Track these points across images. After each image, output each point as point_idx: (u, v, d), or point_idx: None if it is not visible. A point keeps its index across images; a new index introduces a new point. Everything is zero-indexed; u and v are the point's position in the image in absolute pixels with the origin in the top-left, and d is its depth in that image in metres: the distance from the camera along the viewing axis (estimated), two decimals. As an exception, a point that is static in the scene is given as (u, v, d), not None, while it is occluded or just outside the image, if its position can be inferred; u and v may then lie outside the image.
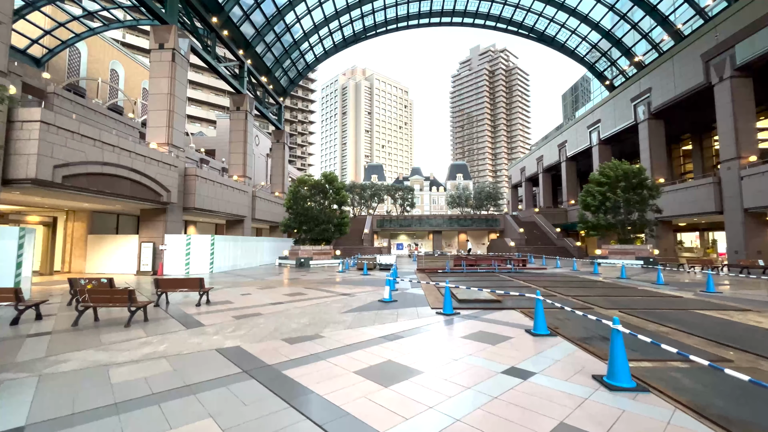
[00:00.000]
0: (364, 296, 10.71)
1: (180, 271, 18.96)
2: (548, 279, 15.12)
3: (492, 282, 13.89)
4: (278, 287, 13.08)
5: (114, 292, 7.18)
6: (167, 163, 18.19)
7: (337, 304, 9.32)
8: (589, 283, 13.66)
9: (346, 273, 19.00)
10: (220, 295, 11.01)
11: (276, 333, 6.43)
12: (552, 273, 18.63)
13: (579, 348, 5.46)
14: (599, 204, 24.13)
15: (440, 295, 10.61)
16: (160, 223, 19.27)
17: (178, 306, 9.22)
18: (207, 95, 65.56)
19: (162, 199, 17.98)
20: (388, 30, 40.09)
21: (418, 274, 17.76)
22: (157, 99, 19.82)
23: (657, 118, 30.27)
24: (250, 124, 29.70)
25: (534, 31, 37.67)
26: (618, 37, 32.62)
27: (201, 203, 21.28)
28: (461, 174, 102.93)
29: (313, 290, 12.17)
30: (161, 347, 5.60)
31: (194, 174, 20.84)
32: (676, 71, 27.34)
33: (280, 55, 34.32)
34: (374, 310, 8.49)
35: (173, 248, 19.05)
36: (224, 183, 24.25)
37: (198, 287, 9.23)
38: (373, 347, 5.56)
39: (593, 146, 39.06)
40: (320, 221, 25.25)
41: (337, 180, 26.27)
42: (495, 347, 5.53)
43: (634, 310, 8.18)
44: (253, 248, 25.44)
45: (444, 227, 46.72)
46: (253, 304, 9.50)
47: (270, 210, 32.33)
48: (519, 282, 13.90)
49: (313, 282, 14.74)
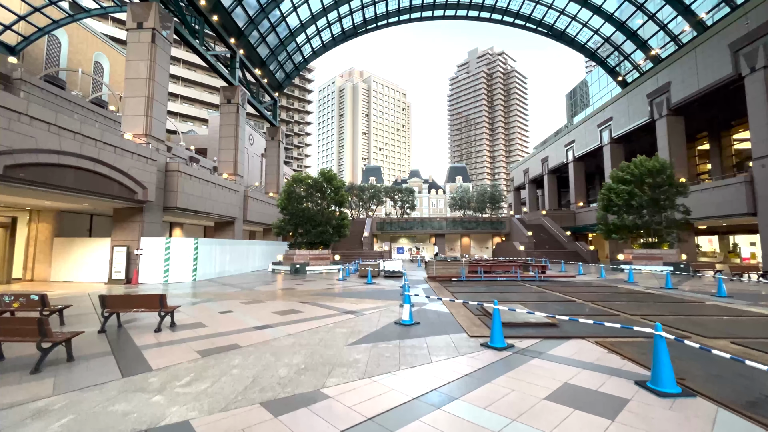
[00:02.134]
0: (375, 315, 8.48)
1: (158, 278, 16.62)
2: (587, 290, 12.98)
3: (522, 294, 11.72)
4: (268, 301, 10.81)
5: (21, 322, 4.90)
6: (143, 156, 15.90)
7: (341, 329, 7.09)
8: (641, 295, 11.51)
9: (347, 281, 16.76)
10: (192, 313, 8.74)
11: (254, 388, 4.19)
12: (584, 281, 16.48)
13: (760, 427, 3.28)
14: (624, 203, 22.09)
15: (471, 314, 8.42)
16: (135, 224, 16.94)
17: (132, 330, 6.96)
18: (200, 93, 63.27)
19: (137, 197, 15.67)
20: (389, 23, 38.15)
21: (430, 283, 15.57)
22: (134, 84, 17.55)
23: (676, 115, 28.45)
24: (242, 118, 27.46)
25: (543, 24, 35.89)
26: (633, 29, 30.86)
27: (185, 202, 18.97)
28: (461, 176, 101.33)
29: (309, 305, 9.92)
30: (58, 423, 3.36)
31: (177, 170, 18.55)
32: (699, 63, 25.53)
33: (275, 46, 32.17)
34: (394, 340, 6.26)
35: (150, 253, 16.72)
36: (212, 181, 21.96)
37: (158, 306, 6.96)
38: (412, 426, 3.34)
39: (604, 145, 37.21)
40: (317, 223, 23.00)
41: (336, 178, 24.08)
42: (617, 425, 3.33)
43: (747, 340, 6.04)
44: (243, 253, 23.12)
45: (447, 230, 44.60)
46: (231, 328, 7.24)
47: (263, 211, 30.02)
48: (554, 293, 11.76)
49: (310, 293, 12.48)
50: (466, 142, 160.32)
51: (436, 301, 7.75)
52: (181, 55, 62.00)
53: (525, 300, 10.45)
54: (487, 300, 10.10)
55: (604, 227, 24.45)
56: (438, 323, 7.55)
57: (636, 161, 22.43)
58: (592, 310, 8.81)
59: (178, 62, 62.11)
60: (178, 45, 61.82)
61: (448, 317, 8.17)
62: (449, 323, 7.56)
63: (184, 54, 62.07)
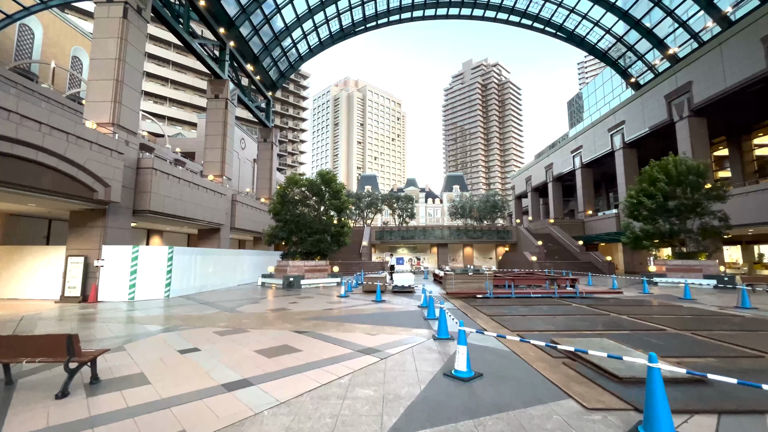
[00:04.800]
0: (407, 357, 5.84)
1: (122, 296, 13.72)
2: (655, 311, 10.49)
3: (582, 319, 9.16)
4: (252, 330, 8.08)
5: None
6: (106, 147, 13.18)
7: (364, 390, 4.43)
8: (738, 320, 8.95)
9: (350, 299, 14.04)
10: (139, 354, 6.00)
11: None
12: (634, 298, 13.96)
13: None
14: (658, 207, 19.84)
15: (547, 355, 5.83)
16: (95, 229, 14.10)
17: (22, 392, 4.24)
18: (191, 96, 60.70)
19: (97, 196, 12.89)
20: (390, 21, 36.29)
21: (453, 300, 12.95)
22: (100, 66, 14.93)
23: (698, 116, 26.66)
24: (231, 115, 24.92)
25: (551, 23, 34.31)
26: (649, 26, 29.31)
27: (159, 205, 16.21)
28: (458, 185, 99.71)
29: (309, 338, 7.23)
30: None
31: (151, 166, 15.83)
32: (726, 60, 23.82)
33: (269, 41, 29.90)
34: (463, 420, 3.62)
35: (114, 264, 13.85)
36: (194, 182, 19.25)
37: (63, 354, 4.25)
38: None
39: (616, 150, 35.36)
40: (314, 230, 20.31)
41: (335, 180, 21.51)
42: None
43: None
44: (229, 264, 20.24)
45: (451, 239, 42.09)
46: (187, 388, 4.53)
47: (254, 218, 27.24)
48: (622, 318, 9.23)
49: (308, 317, 9.77)
50: (462, 151, 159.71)
51: (480, 333, 5.29)
52: (172, 57, 59.60)
53: (598, 330, 7.90)
54: (550, 330, 7.56)
55: (631, 235, 22.15)
56: (511, 377, 4.92)
57: (673, 160, 20.26)
58: (711, 348, 6.28)
59: (168, 64, 59.66)
60: (165, 45, 59.52)
61: (516, 362, 5.56)
62: (527, 375, 4.95)
63: (174, 56, 59.68)
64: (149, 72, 57.09)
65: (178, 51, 59.97)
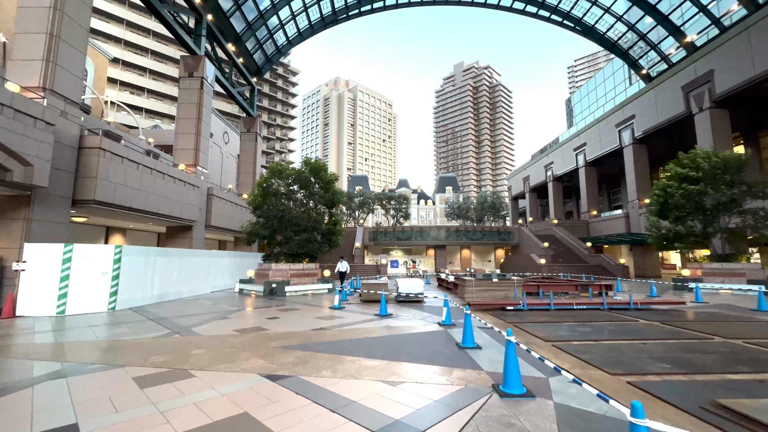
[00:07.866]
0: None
1: (49, 308, 10.49)
2: (751, 328, 7.94)
3: (682, 347, 6.48)
4: (197, 374, 5.13)
5: None
6: (26, 114, 10.03)
7: None
8: None
9: (345, 310, 11.15)
10: None
11: None
12: (705, 311, 11.42)
13: None
14: (693, 205, 17.58)
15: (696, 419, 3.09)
16: (15, 222, 10.88)
17: None
18: (171, 88, 56.80)
19: (11, 178, 9.73)
20: (386, 6, 33.70)
21: (477, 312, 10.21)
22: (29, 15, 11.77)
23: (721, 108, 24.73)
24: (207, 96, 21.80)
25: (557, 11, 32.22)
26: (665, 12, 27.41)
27: (108, 195, 13.06)
28: (450, 186, 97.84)
29: (287, 391, 4.35)
30: None
31: (97, 146, 12.69)
32: (754, 46, 21.90)
33: (253, 19, 26.88)
34: None
35: (40, 267, 10.63)
36: (158, 169, 16.12)
37: None
38: None
39: (625, 146, 33.38)
40: (302, 228, 17.34)
41: (326, 170, 18.64)
42: None
43: None
44: (201, 267, 17.05)
45: (449, 241, 39.49)
46: None
47: (234, 216, 24.10)
48: (729, 340, 6.63)
49: (291, 344, 6.86)
50: (453, 153, 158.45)
51: (578, 383, 2.72)
52: (150, 45, 55.76)
53: (742, 370, 5.25)
54: (670, 373, 4.85)
55: (656, 235, 19.88)
56: None
57: (704, 152, 18.07)
58: None
59: (147, 53, 55.77)
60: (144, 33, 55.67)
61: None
62: None
63: (153, 44, 55.85)
64: (126, 61, 53.19)
65: (157, 39, 56.22)
